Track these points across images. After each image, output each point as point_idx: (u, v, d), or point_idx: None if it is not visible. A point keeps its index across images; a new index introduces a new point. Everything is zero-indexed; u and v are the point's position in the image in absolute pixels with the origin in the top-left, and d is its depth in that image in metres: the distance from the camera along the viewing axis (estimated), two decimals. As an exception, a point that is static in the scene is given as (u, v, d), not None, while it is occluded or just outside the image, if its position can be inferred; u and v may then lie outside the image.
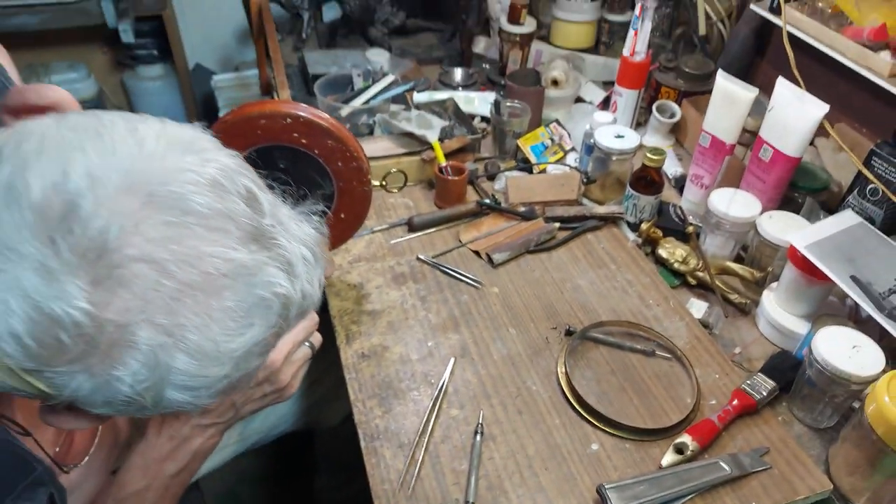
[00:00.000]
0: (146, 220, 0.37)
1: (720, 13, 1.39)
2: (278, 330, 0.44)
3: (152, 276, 0.37)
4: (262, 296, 0.41)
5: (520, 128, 1.22)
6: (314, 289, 0.46)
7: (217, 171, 0.40)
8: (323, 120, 0.73)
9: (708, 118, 1.08)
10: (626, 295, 0.98)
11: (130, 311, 0.37)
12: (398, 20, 1.61)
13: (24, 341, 0.36)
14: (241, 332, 0.41)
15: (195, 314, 0.39)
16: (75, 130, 0.39)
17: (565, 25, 1.52)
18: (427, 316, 0.93)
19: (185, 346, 0.39)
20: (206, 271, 0.39)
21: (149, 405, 0.40)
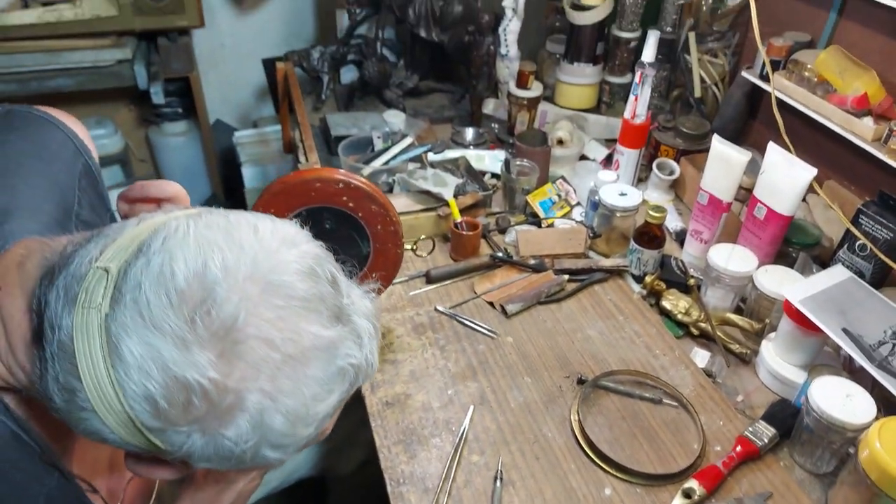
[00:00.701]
0: (263, 303, 0.45)
1: (714, 77, 1.49)
2: (347, 396, 0.51)
3: (264, 351, 0.45)
4: (342, 366, 0.49)
5: (528, 185, 1.30)
6: (375, 358, 0.54)
7: (313, 261, 0.49)
8: (369, 187, 0.82)
9: (705, 178, 1.16)
10: (633, 345, 1.03)
11: (246, 379, 0.44)
12: (412, 83, 1.71)
13: (158, 403, 0.43)
14: (325, 398, 0.48)
15: (292, 381, 0.46)
16: (210, 228, 0.47)
17: (569, 88, 1.62)
18: (447, 365, 0.99)
19: (284, 408, 0.46)
20: (303, 346, 0.46)
21: (247, 461, 0.47)
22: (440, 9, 1.58)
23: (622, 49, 1.60)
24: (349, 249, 0.86)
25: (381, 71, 1.62)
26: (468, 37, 1.55)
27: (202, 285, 0.43)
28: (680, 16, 1.53)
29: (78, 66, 1.60)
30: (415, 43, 1.68)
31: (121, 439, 0.45)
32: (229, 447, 0.45)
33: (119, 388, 0.43)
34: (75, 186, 0.72)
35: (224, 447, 0.45)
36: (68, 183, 0.71)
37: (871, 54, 1.15)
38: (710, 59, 1.49)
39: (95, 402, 0.44)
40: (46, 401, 0.47)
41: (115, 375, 0.43)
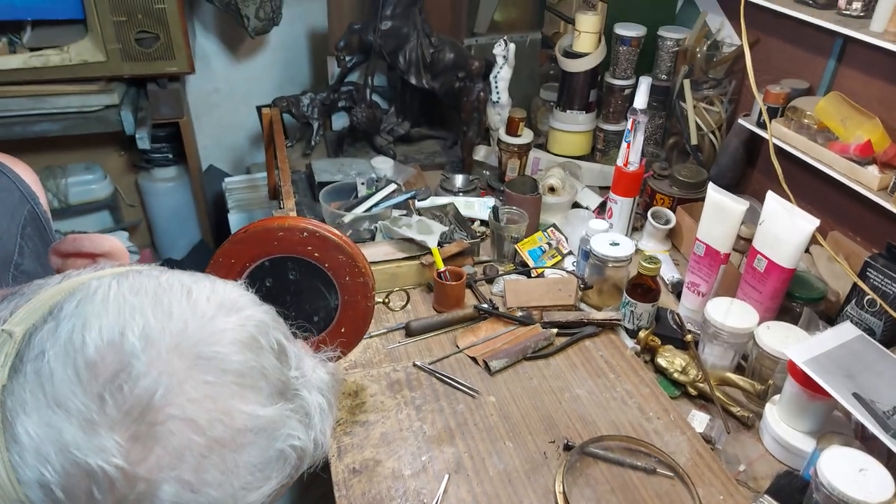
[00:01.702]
0: (190, 379, 0.38)
1: (710, 125, 1.45)
2: (289, 481, 0.44)
3: (186, 434, 0.38)
4: (282, 449, 0.42)
5: (517, 233, 1.25)
6: (326, 438, 0.47)
7: (255, 329, 0.42)
8: (336, 236, 0.77)
9: (701, 228, 1.10)
10: (625, 406, 0.95)
11: (162, 468, 0.37)
12: (403, 129, 1.69)
13: (53, 492, 0.36)
14: (258, 486, 0.41)
15: (220, 471, 0.39)
16: (135, 292, 0.41)
17: (562, 135, 1.59)
18: (422, 427, 0.91)
19: (207, 500, 0.39)
20: (235, 428, 0.40)
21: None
22: (431, 56, 1.56)
23: (616, 96, 1.57)
24: (315, 301, 0.81)
25: (371, 117, 1.60)
26: (459, 83, 1.53)
27: (117, 357, 0.37)
28: (674, 63, 1.51)
29: (64, 111, 1.58)
30: (405, 89, 1.66)
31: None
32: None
33: (12, 472, 0.37)
34: (17, 234, 0.67)
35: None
36: (9, 230, 0.67)
37: (873, 101, 1.11)
38: (707, 107, 1.45)
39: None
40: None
41: (9, 458, 0.37)
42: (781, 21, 1.26)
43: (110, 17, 1.50)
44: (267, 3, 1.62)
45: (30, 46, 1.53)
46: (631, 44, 1.50)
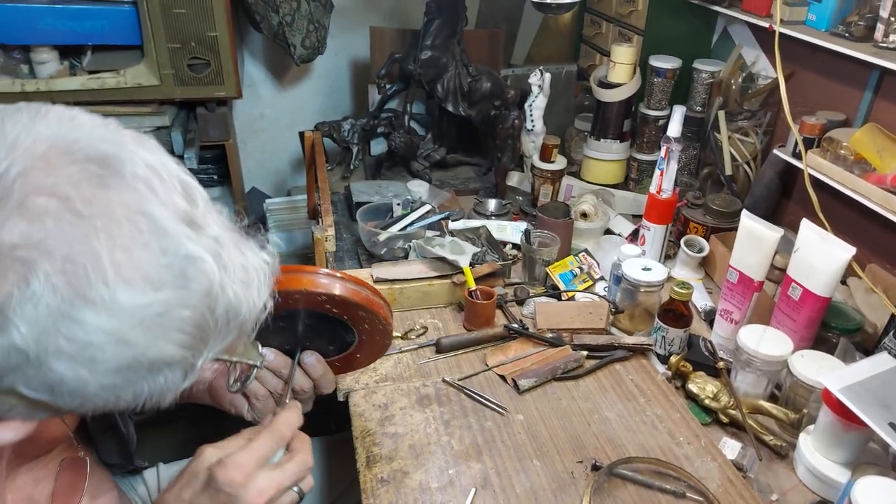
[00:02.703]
0: (63, 166, 0.39)
1: (745, 155, 1.45)
2: (201, 320, 0.43)
3: (57, 212, 0.38)
4: (177, 265, 0.41)
5: (549, 256, 1.26)
6: (258, 300, 0.46)
7: (155, 160, 0.44)
8: (358, 297, 0.70)
9: (735, 255, 1.10)
10: (655, 430, 0.95)
11: (29, 239, 0.37)
12: (439, 155, 1.73)
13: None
14: (145, 290, 0.40)
15: (98, 257, 0.38)
16: (16, 106, 0.43)
17: (595, 163, 1.61)
18: (450, 441, 0.92)
19: (81, 288, 0.38)
20: (117, 219, 0.39)
21: (31, 356, 0.38)
22: (468, 85, 1.61)
23: (650, 127, 1.59)
24: (332, 336, 0.77)
25: (409, 143, 1.65)
26: (495, 111, 1.57)
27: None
28: (709, 95, 1.52)
29: (120, 130, 1.67)
30: (443, 116, 1.71)
31: None
32: (10, 338, 0.37)
33: None
34: None
35: (3, 336, 0.37)
36: None
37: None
38: (741, 138, 1.46)
39: None
40: None
41: None
42: (817, 54, 1.27)
43: (166, 44, 1.59)
44: (312, 33, 1.70)
45: (89, 69, 1.62)
46: (666, 75, 1.52)
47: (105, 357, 0.40)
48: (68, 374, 0.40)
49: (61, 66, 1.63)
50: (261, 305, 0.47)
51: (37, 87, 1.56)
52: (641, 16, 1.59)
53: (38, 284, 0.37)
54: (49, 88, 1.55)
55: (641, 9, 1.59)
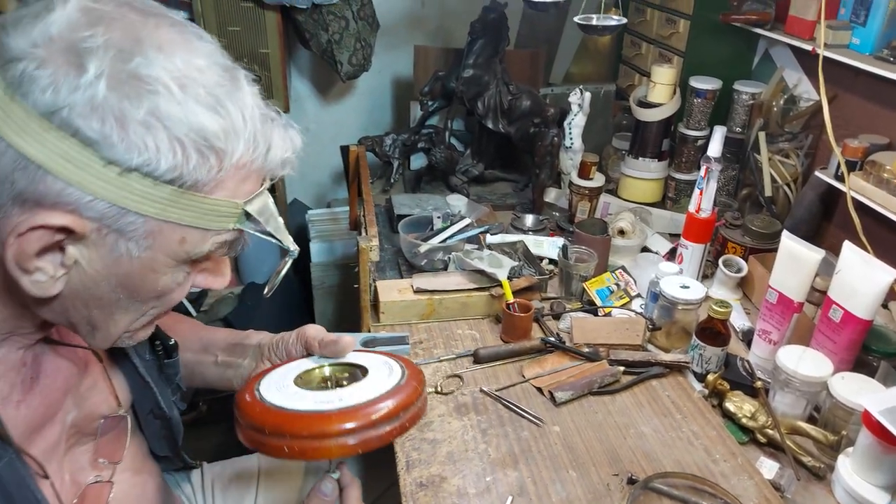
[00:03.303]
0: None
1: (785, 177, 1.45)
2: (229, 85, 0.53)
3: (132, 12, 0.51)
4: (222, 61, 0.53)
5: (586, 272, 1.28)
6: (258, 132, 0.55)
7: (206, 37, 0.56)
8: (383, 434, 0.65)
9: (775, 275, 1.11)
10: (691, 446, 0.96)
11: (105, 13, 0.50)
12: (477, 171, 1.76)
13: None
14: (195, 43, 0.52)
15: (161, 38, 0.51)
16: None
17: (633, 181, 1.62)
18: (487, 449, 0.94)
19: (142, 47, 0.49)
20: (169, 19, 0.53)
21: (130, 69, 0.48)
22: (509, 102, 1.65)
23: (689, 147, 1.60)
24: None
25: (448, 158, 1.69)
26: (534, 128, 1.60)
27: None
28: (749, 116, 1.53)
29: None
30: (482, 133, 1.75)
31: (11, 153, 0.47)
32: (88, 73, 0.47)
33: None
34: None
35: (80, 70, 0.47)
36: None
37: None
38: (782, 160, 1.46)
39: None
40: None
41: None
42: (860, 77, 1.27)
43: (221, 59, 1.67)
44: (359, 51, 1.76)
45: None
46: (706, 96, 1.54)
47: (162, 105, 0.50)
48: (129, 110, 0.48)
49: None
50: (290, 156, 0.59)
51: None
52: (682, 38, 1.61)
53: (115, 36, 0.50)
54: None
55: (682, 31, 1.60)
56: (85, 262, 0.51)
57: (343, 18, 1.68)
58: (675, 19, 1.64)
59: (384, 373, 0.72)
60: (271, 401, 0.66)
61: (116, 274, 0.53)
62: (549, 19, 1.99)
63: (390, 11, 1.95)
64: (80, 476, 0.70)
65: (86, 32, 0.48)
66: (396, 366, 0.74)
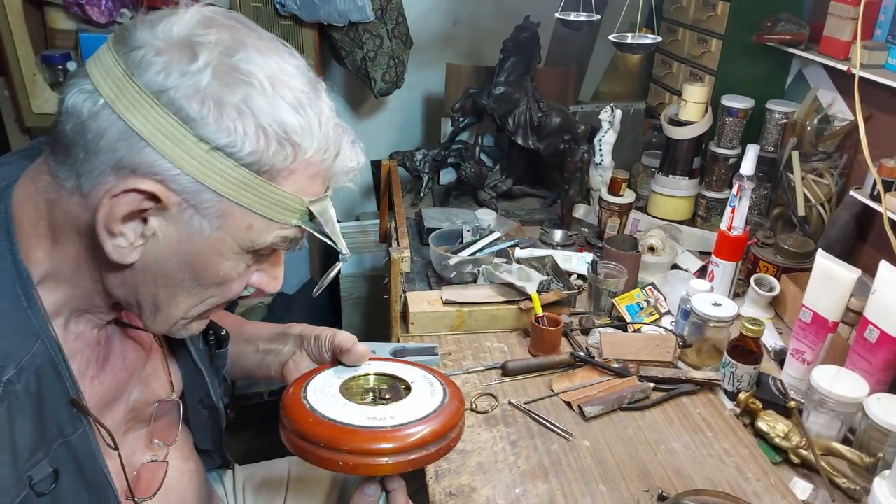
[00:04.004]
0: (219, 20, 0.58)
1: (819, 197, 1.44)
2: (310, 91, 0.58)
3: (231, 28, 0.58)
4: (311, 85, 0.59)
5: (615, 288, 1.28)
6: (327, 132, 0.60)
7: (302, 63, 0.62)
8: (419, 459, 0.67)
9: (808, 294, 1.10)
10: (722, 464, 0.95)
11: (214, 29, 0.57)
12: (506, 186, 1.78)
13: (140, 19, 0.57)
14: (291, 72, 0.57)
15: (257, 47, 0.57)
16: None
17: (663, 199, 1.62)
18: (516, 461, 0.95)
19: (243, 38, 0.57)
20: (275, 45, 0.59)
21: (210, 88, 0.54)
22: (539, 119, 1.66)
23: (720, 165, 1.59)
24: None
25: (478, 173, 1.71)
26: (564, 145, 1.61)
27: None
28: (782, 136, 1.53)
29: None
30: (512, 149, 1.77)
31: (126, 123, 0.53)
32: (197, 62, 0.53)
33: (117, 48, 0.55)
34: None
35: (190, 60, 0.53)
36: None
37: None
38: (816, 179, 1.45)
39: (97, 77, 0.54)
40: (68, 178, 0.55)
41: (118, 49, 0.55)
42: (897, 97, 1.26)
43: (259, 75, 1.72)
44: (392, 68, 1.80)
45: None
46: (738, 115, 1.54)
47: (264, 87, 0.56)
48: (229, 97, 0.54)
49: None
50: (357, 162, 0.63)
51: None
52: (714, 57, 1.61)
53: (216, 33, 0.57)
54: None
55: (714, 50, 1.61)
56: (161, 235, 0.56)
57: (378, 36, 1.72)
58: (707, 39, 1.64)
59: (426, 390, 0.76)
60: (323, 412, 0.69)
61: (187, 251, 0.57)
62: (581, 38, 2.01)
63: (423, 30, 1.99)
64: (135, 458, 0.73)
65: (200, 31, 0.55)
66: (437, 384, 0.78)
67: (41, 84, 1.63)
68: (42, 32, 1.69)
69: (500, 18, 1.98)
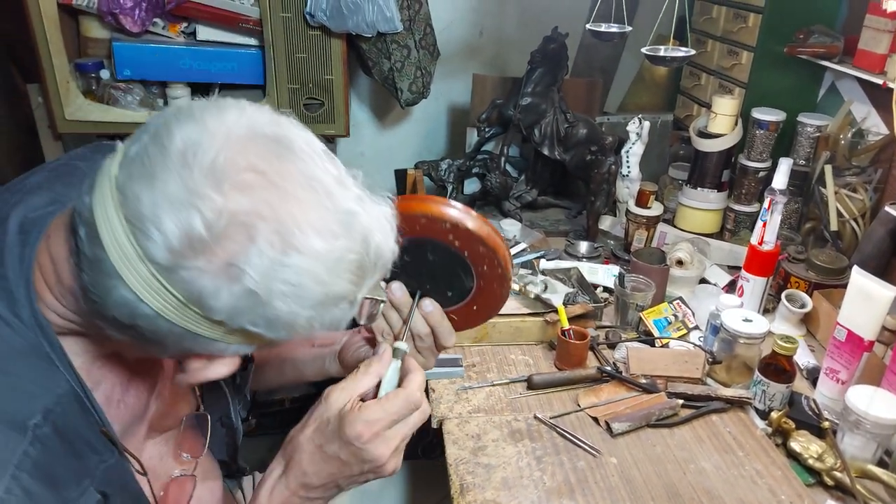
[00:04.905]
0: (252, 147, 0.50)
1: (853, 212, 1.41)
2: (360, 260, 0.53)
3: (260, 183, 0.48)
4: (345, 218, 0.51)
5: (643, 301, 1.26)
6: (390, 243, 0.55)
7: (311, 137, 0.55)
8: (481, 231, 0.72)
9: (843, 312, 1.07)
10: (754, 486, 0.92)
11: (245, 206, 0.48)
12: (531, 197, 1.77)
13: (167, 240, 0.47)
14: (331, 239, 0.50)
15: (295, 215, 0.49)
16: (201, 103, 0.54)
17: (691, 212, 1.60)
18: (542, 477, 0.93)
19: (290, 240, 0.49)
20: (301, 184, 0.50)
21: (261, 296, 0.49)
22: (565, 130, 1.66)
23: (750, 178, 1.57)
24: (450, 280, 0.78)
25: (503, 184, 1.70)
26: (590, 156, 1.60)
27: (191, 137, 0.49)
28: (814, 149, 1.50)
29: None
30: (537, 160, 1.76)
31: (149, 306, 0.49)
32: (242, 281, 0.48)
33: (132, 236, 0.48)
34: None
35: (236, 281, 0.48)
36: None
37: None
38: (849, 194, 1.42)
39: (117, 260, 0.48)
40: (86, 303, 0.52)
41: (129, 224, 0.48)
42: (936, 111, 1.23)
43: (286, 84, 1.73)
44: (419, 79, 1.80)
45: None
46: (768, 128, 1.51)
47: (308, 294, 0.51)
48: (284, 309, 0.50)
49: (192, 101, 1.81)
50: (394, 248, 0.57)
51: (171, 119, 1.73)
52: (745, 69, 1.59)
53: (260, 240, 0.48)
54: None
55: (745, 62, 1.59)
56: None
57: (405, 47, 1.73)
58: (737, 51, 1.62)
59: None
60: None
61: None
62: (608, 49, 2.00)
63: (449, 41, 2.00)
64: (155, 465, 0.73)
65: (240, 253, 0.48)
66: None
67: (74, 91, 1.66)
68: (76, 41, 1.73)
69: (525, 29, 1.98)
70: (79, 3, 1.60)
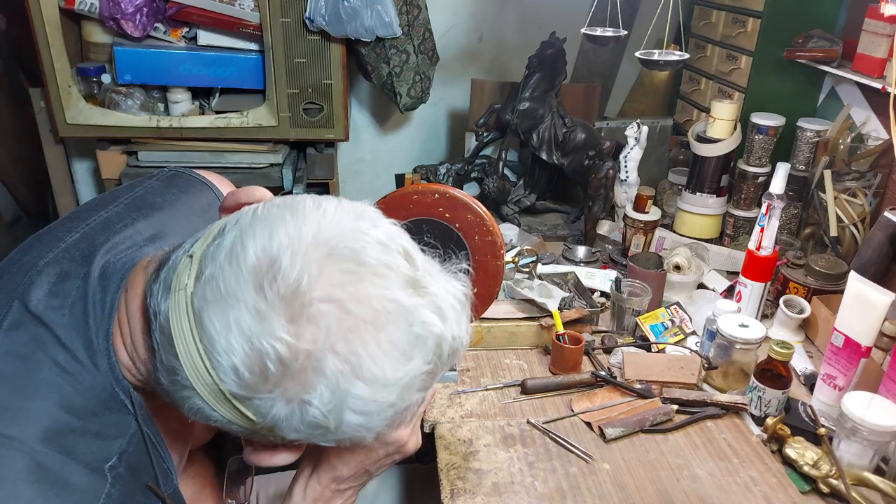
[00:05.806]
0: (328, 268, 0.47)
1: (852, 217, 1.40)
2: (433, 368, 0.51)
3: (333, 313, 0.47)
4: (419, 333, 0.49)
5: (639, 306, 1.26)
6: (462, 332, 0.53)
7: (382, 234, 0.51)
8: (464, 196, 0.83)
9: (841, 318, 1.06)
10: (749, 493, 0.91)
11: (317, 340, 0.46)
12: (529, 201, 1.77)
13: (240, 371, 0.46)
14: (404, 363, 0.49)
15: (365, 343, 0.47)
16: (278, 207, 0.51)
17: (690, 216, 1.59)
18: (534, 483, 0.93)
19: (361, 372, 0.47)
20: (374, 308, 0.48)
21: (332, 427, 0.48)
22: (563, 135, 1.65)
23: (749, 183, 1.56)
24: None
25: (501, 188, 1.70)
26: (588, 161, 1.60)
27: (267, 255, 0.47)
28: (814, 154, 1.49)
29: (236, 165, 1.82)
30: (535, 164, 1.76)
31: (221, 416, 0.49)
32: (312, 413, 0.47)
33: (207, 361, 0.47)
34: None
35: (307, 413, 0.47)
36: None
37: None
38: (849, 199, 1.41)
39: (192, 377, 0.48)
40: (158, 386, 0.51)
41: (204, 349, 0.47)
42: (935, 116, 1.22)
43: (286, 89, 1.74)
44: (418, 83, 1.80)
45: (216, 110, 1.79)
46: (767, 133, 1.50)
47: (378, 418, 0.50)
48: (352, 432, 0.51)
49: (192, 105, 1.81)
50: (466, 334, 0.55)
51: (170, 123, 1.74)
52: (744, 73, 1.59)
53: (329, 372, 0.47)
54: (181, 125, 1.72)
55: (744, 67, 1.59)
56: None
57: (404, 52, 1.73)
58: (736, 56, 1.62)
59: None
60: None
61: None
62: (607, 54, 2.00)
63: (448, 46, 2.00)
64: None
65: (310, 387, 0.48)
66: None
67: (76, 95, 1.67)
68: (78, 45, 1.74)
69: (524, 34, 1.98)
70: (81, 7, 1.61)
